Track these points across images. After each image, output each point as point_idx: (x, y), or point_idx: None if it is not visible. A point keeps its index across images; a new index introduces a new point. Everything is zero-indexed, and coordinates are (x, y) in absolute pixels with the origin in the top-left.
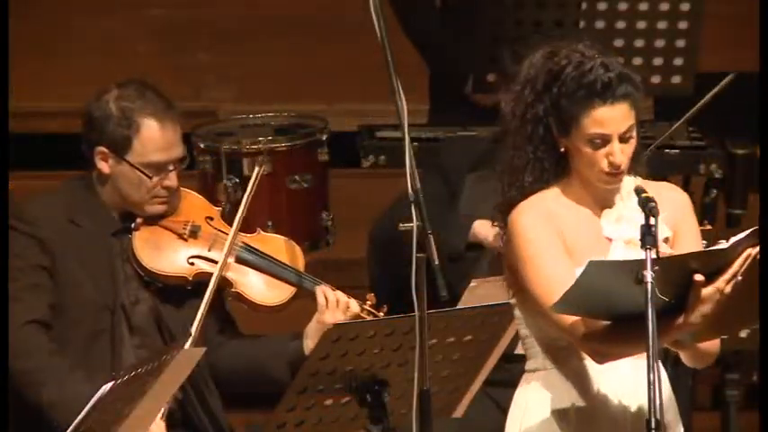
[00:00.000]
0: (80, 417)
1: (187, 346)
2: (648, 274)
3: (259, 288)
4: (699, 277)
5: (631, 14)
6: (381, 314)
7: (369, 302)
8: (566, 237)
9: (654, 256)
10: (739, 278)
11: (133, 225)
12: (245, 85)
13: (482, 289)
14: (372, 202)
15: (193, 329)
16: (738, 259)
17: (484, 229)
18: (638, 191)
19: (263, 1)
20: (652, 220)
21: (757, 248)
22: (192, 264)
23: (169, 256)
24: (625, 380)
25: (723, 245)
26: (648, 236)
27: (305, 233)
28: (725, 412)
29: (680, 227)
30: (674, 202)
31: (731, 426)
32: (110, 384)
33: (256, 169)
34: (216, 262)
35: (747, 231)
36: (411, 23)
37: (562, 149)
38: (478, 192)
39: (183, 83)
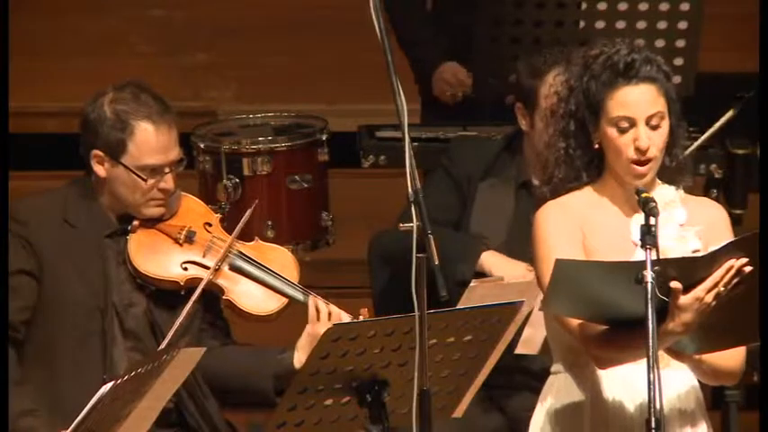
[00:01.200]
0: (80, 417)
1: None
2: (648, 274)
3: (250, 297)
4: (675, 284)
5: (631, 14)
6: None
7: (362, 317)
8: (588, 238)
9: (654, 256)
10: (721, 289)
11: (129, 227)
12: (245, 85)
13: (482, 289)
14: (372, 202)
15: (169, 335)
16: (719, 270)
17: (490, 263)
18: (639, 191)
19: (263, 1)
20: (652, 220)
21: (743, 260)
22: (186, 269)
23: (163, 261)
24: (638, 386)
25: (699, 254)
26: (648, 236)
27: (305, 233)
28: (725, 412)
29: (713, 243)
30: (709, 218)
31: (731, 426)
32: (110, 384)
33: (248, 212)
34: (209, 269)
35: (725, 242)
36: (400, 23)
37: (596, 146)
38: (489, 204)
39: (183, 83)
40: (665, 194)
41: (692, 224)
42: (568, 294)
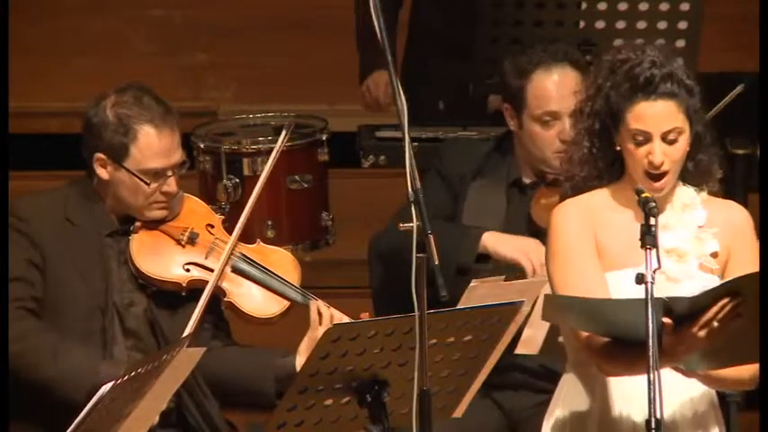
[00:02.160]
0: (80, 417)
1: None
2: (649, 274)
3: (252, 300)
4: (666, 320)
5: (631, 14)
6: None
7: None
8: (601, 238)
9: (654, 256)
10: (715, 324)
11: (132, 228)
12: (245, 85)
13: (482, 289)
14: (372, 202)
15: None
16: (714, 307)
17: (494, 241)
18: (638, 191)
19: (263, 1)
20: (651, 220)
21: (736, 300)
22: (188, 270)
23: (165, 262)
24: (643, 385)
25: (692, 294)
26: (648, 236)
27: (305, 233)
28: (725, 412)
29: (733, 246)
30: (729, 220)
31: (731, 426)
32: (110, 384)
33: (283, 133)
34: (211, 270)
35: (719, 284)
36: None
37: (618, 148)
38: (480, 203)
39: (183, 83)
40: (684, 196)
41: (711, 226)
42: (565, 319)
